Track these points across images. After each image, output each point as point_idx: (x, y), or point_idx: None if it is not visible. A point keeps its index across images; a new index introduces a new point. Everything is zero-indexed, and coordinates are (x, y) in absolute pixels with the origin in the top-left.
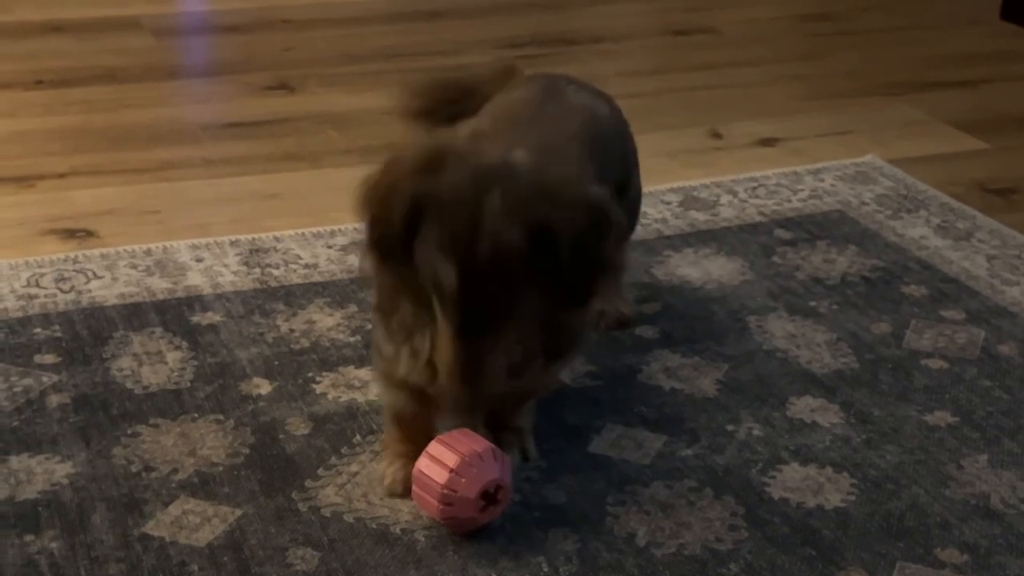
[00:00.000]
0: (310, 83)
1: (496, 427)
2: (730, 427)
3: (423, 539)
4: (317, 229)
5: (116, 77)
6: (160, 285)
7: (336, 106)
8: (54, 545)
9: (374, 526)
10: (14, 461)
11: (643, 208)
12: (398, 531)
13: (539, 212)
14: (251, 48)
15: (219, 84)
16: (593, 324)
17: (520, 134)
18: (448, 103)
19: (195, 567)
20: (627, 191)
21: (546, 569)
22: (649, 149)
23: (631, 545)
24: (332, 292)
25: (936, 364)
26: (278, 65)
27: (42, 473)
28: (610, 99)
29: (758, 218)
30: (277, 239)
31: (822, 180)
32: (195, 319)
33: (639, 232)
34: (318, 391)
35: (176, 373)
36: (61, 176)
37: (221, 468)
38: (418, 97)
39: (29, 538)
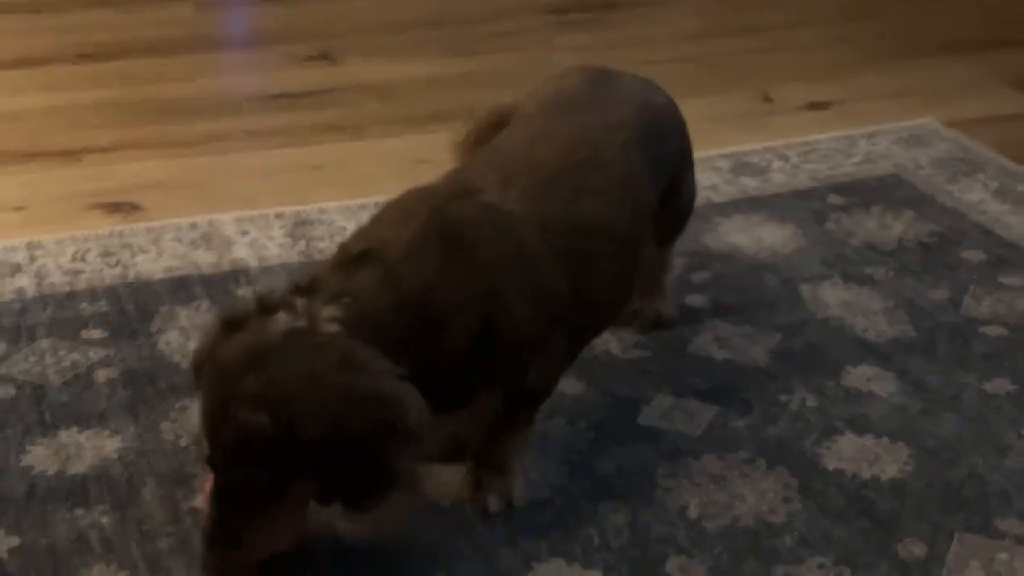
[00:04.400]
0: (351, 53)
1: (479, 464)
2: (783, 397)
3: (472, 511)
4: (361, 200)
5: (158, 49)
6: (206, 259)
7: (378, 75)
8: (104, 520)
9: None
10: (63, 436)
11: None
12: (447, 503)
13: (290, 402)
14: (292, 18)
15: (260, 55)
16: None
17: (551, 136)
18: (495, 129)
19: None
20: (680, 190)
21: (597, 542)
22: (699, 114)
23: (683, 517)
24: None
25: (995, 331)
26: (319, 35)
27: (91, 448)
28: (662, 89)
29: (811, 183)
30: (322, 211)
31: (877, 144)
32: (241, 292)
33: None
34: None
35: None
36: (105, 150)
37: None
38: (470, 131)
39: (80, 512)
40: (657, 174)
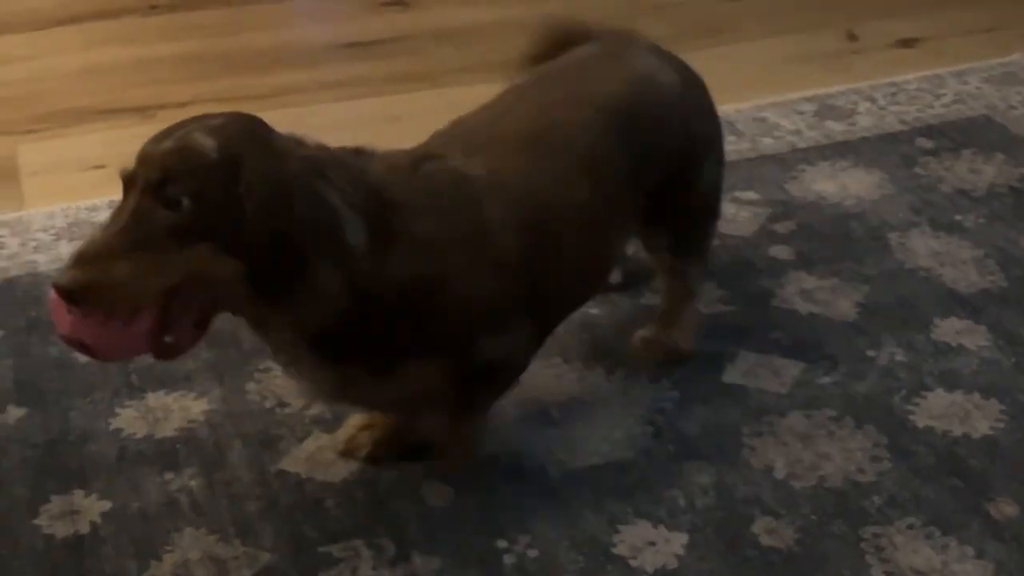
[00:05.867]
0: None
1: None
2: (871, 352)
3: (556, 474)
4: None
5: None
6: None
7: (453, 21)
8: (193, 483)
9: (507, 461)
10: (151, 398)
11: (776, 120)
12: (531, 465)
13: (246, 149)
14: None
15: (334, 2)
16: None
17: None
18: (564, 48)
19: (331, 503)
20: (695, 185)
21: (682, 503)
22: (780, 54)
23: (769, 478)
24: None
25: None
26: None
27: (178, 410)
28: (687, 70)
29: (898, 127)
30: None
31: (967, 83)
32: None
33: (771, 146)
34: None
35: None
36: (182, 105)
37: None
38: (537, 44)
39: (169, 476)
40: (640, 163)
